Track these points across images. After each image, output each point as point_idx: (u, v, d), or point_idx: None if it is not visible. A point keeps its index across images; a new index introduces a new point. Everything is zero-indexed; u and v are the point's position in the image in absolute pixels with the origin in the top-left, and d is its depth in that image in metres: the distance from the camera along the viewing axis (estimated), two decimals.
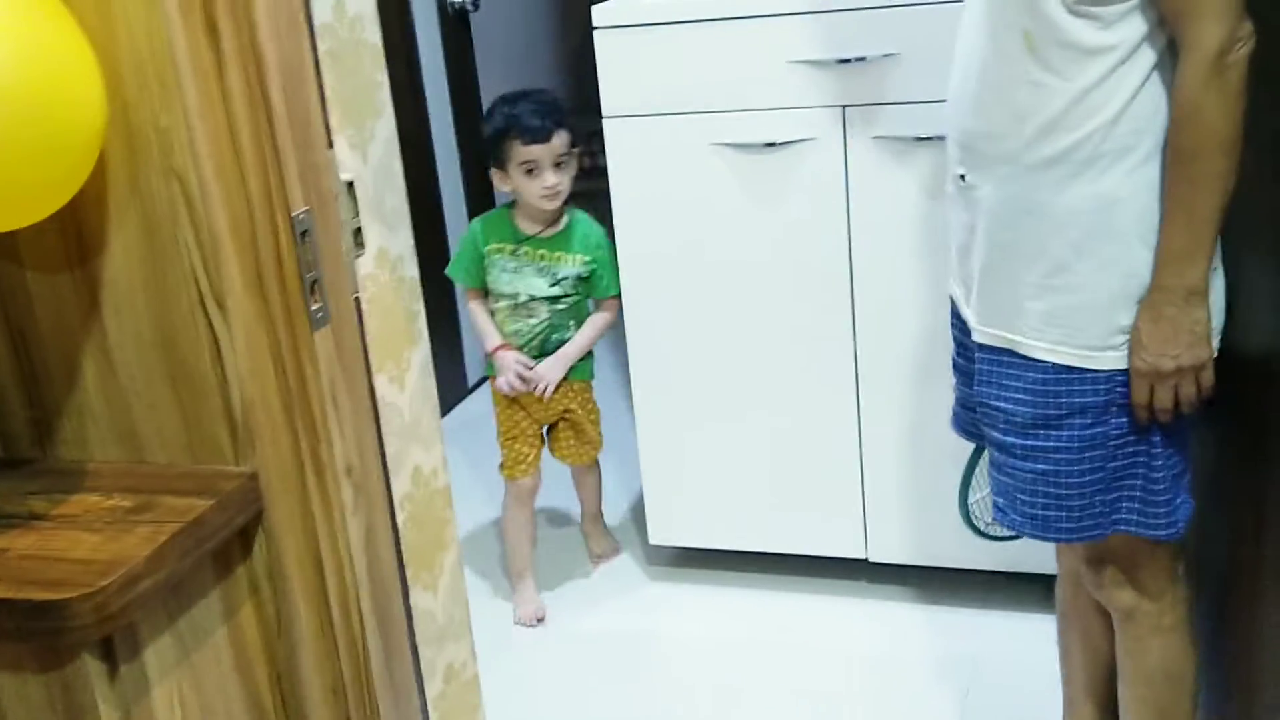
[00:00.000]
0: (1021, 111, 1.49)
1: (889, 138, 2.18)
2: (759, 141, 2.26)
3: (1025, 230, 1.53)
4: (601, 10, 2.30)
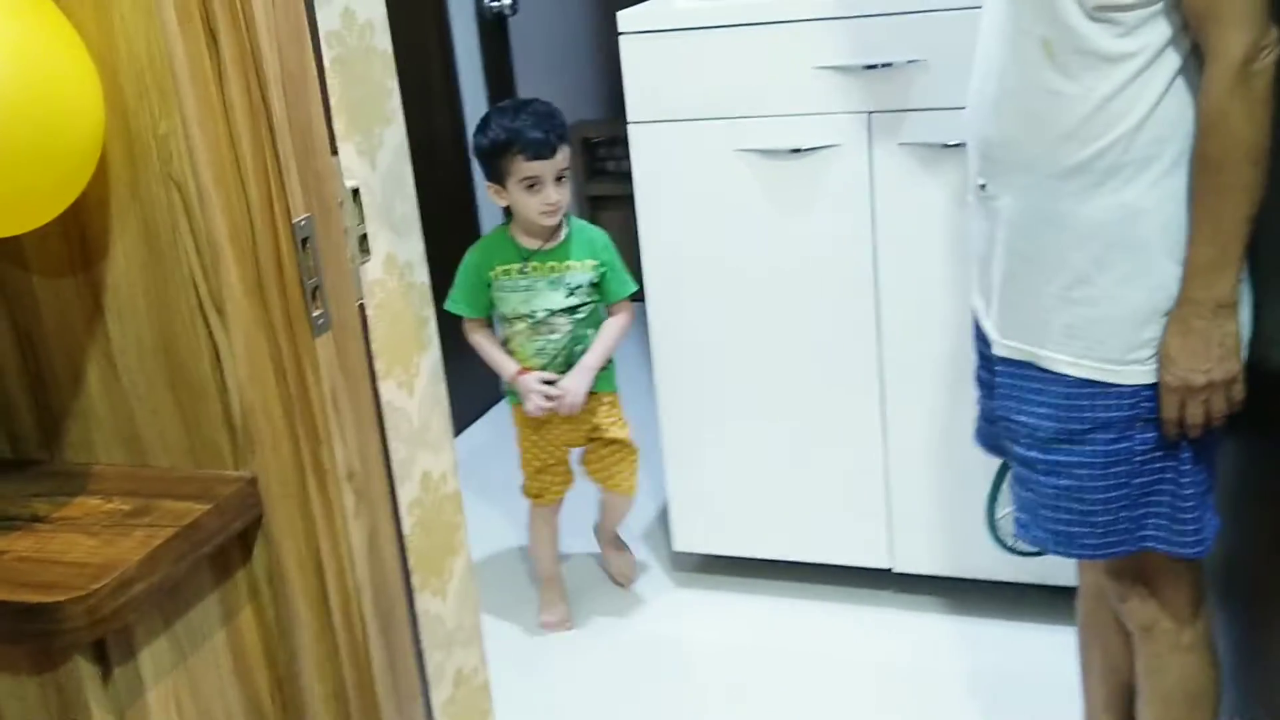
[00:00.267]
0: (1041, 120, 1.46)
1: (915, 144, 2.16)
2: (784, 148, 2.24)
3: (1046, 241, 1.50)
4: (627, 16, 2.29)
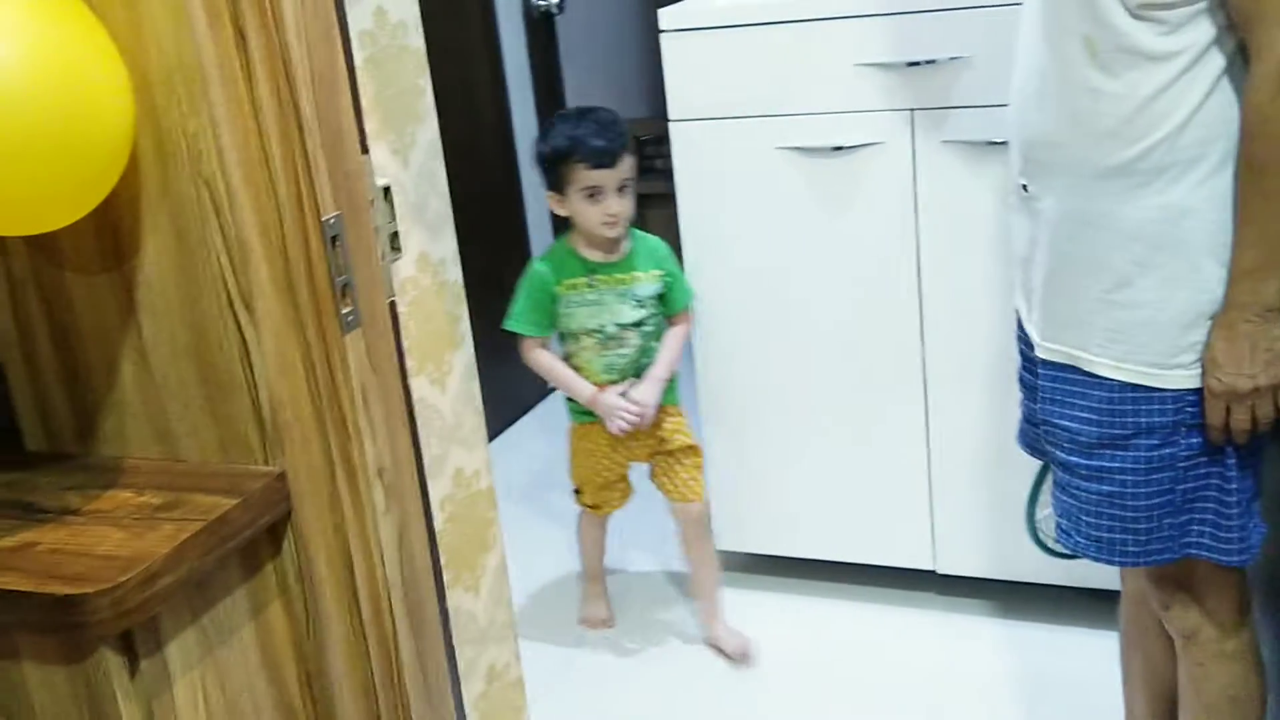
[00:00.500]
0: (1083, 120, 1.44)
1: (958, 142, 2.13)
2: (826, 145, 2.23)
3: (1088, 242, 1.48)
4: (667, 13, 2.29)
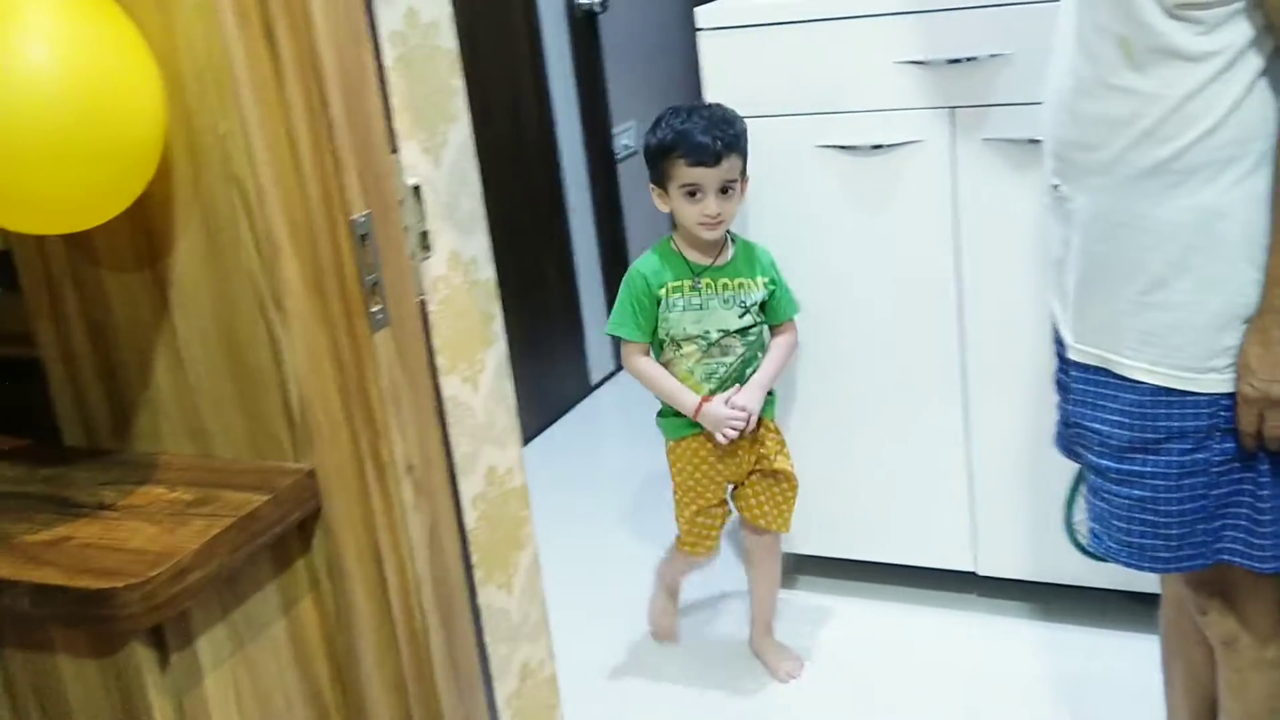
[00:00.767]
0: (1117, 121, 1.42)
1: (999, 140, 2.11)
2: (866, 144, 2.22)
3: (1121, 244, 1.46)
4: (705, 12, 2.28)
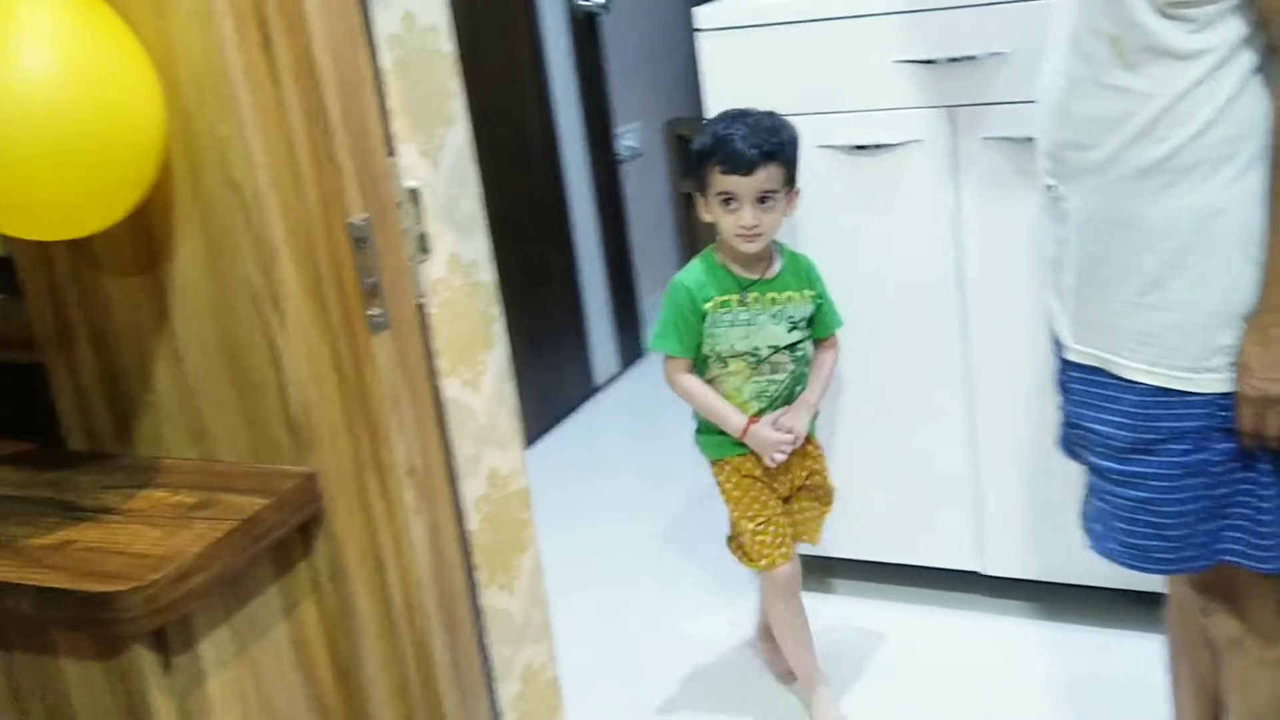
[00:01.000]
0: (1110, 121, 1.41)
1: (999, 138, 2.11)
2: (866, 143, 2.21)
3: (1116, 244, 1.45)
4: (704, 12, 2.29)
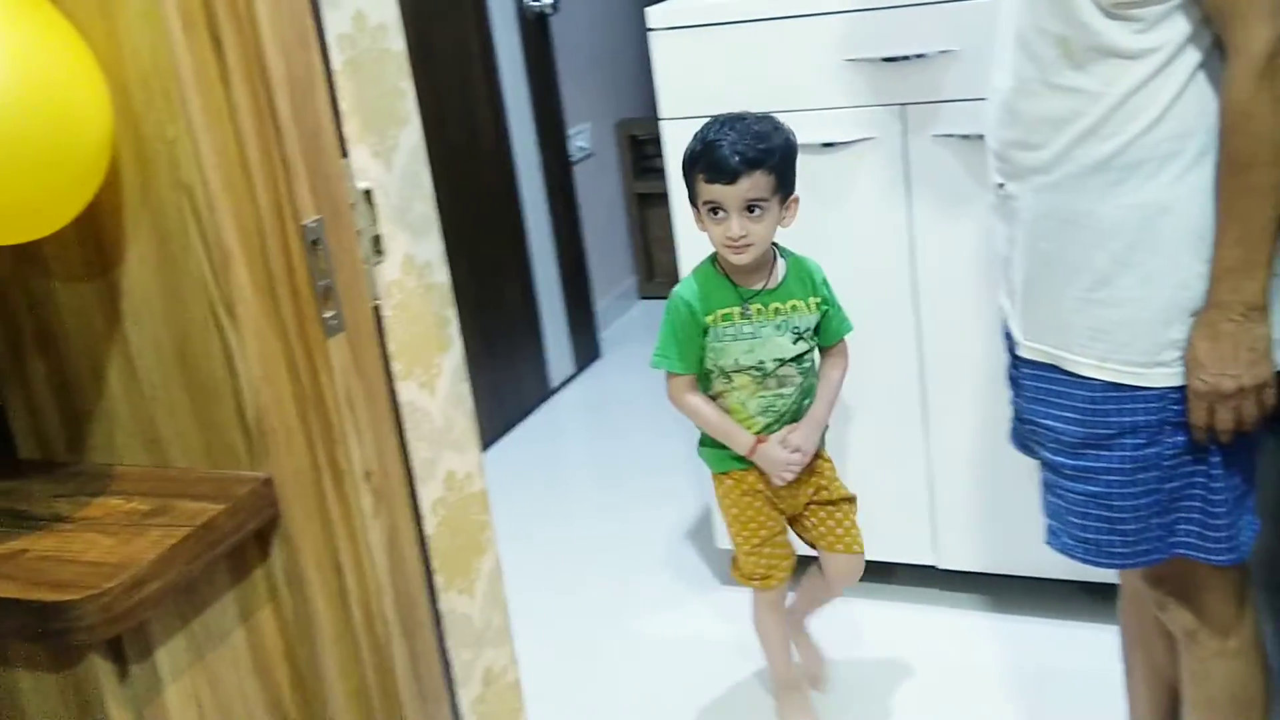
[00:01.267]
0: (1058, 119, 1.43)
1: (950, 136, 2.13)
2: (817, 142, 2.23)
3: (1066, 241, 1.47)
4: (656, 12, 2.29)
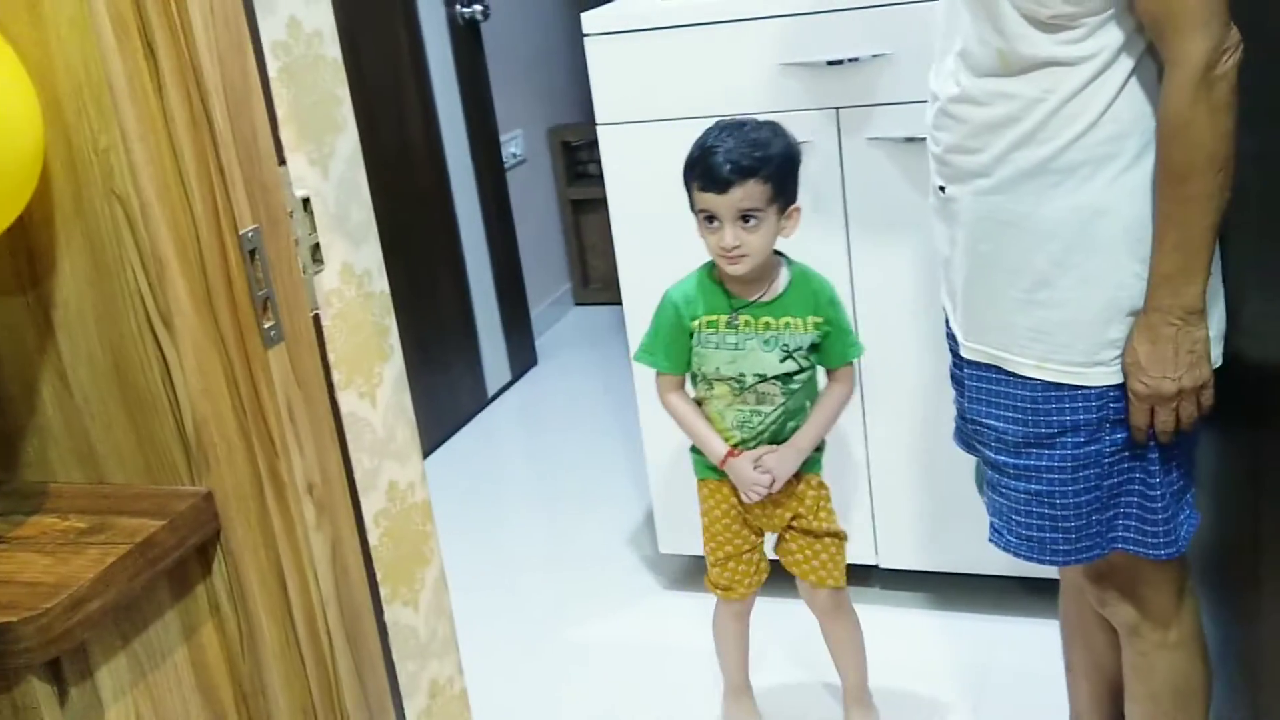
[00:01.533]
0: (998, 125, 1.44)
1: (884, 139, 2.15)
2: None
3: (1006, 243, 1.48)
4: (591, 17, 2.29)
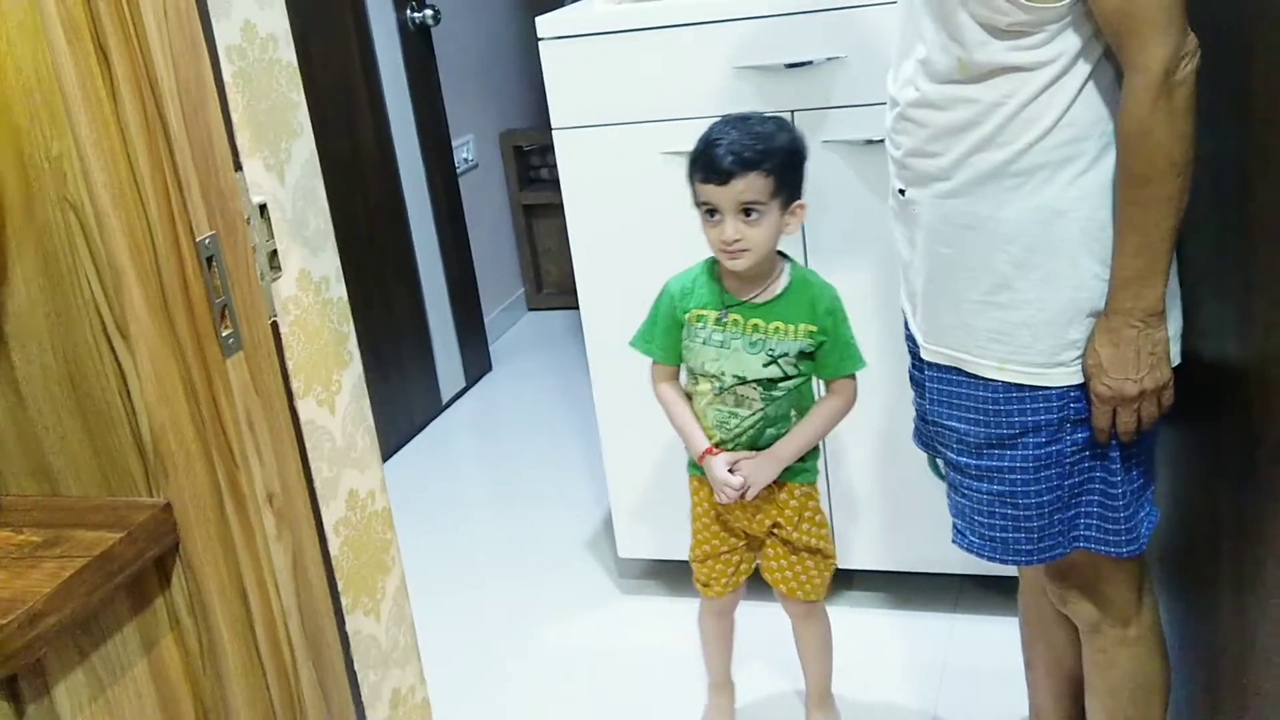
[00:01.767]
0: (957, 129, 1.45)
1: (838, 141, 2.16)
2: None
3: (966, 246, 1.49)
4: (546, 21, 2.28)
